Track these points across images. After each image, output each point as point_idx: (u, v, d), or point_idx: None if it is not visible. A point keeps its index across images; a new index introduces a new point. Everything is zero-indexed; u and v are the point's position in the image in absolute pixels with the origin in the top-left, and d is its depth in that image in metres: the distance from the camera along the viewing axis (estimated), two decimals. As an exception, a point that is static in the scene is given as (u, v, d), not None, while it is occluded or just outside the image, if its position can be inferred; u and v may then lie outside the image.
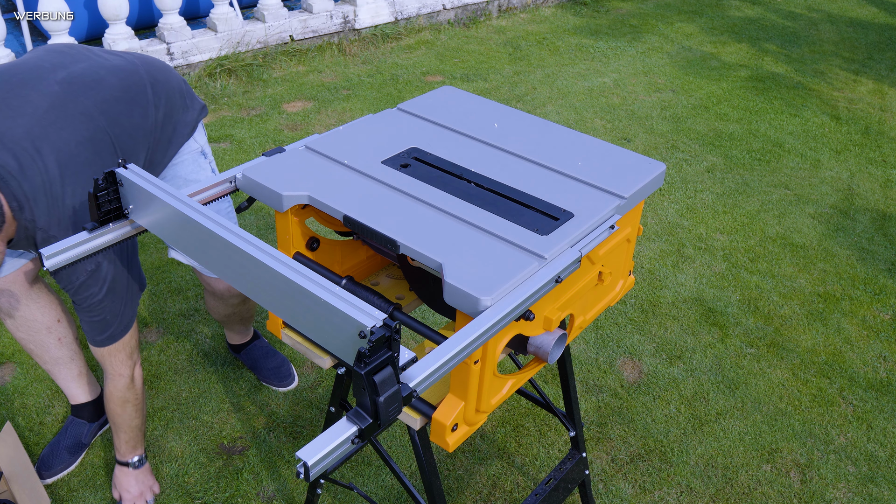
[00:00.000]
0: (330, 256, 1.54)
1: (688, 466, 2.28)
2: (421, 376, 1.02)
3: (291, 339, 1.48)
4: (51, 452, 2.18)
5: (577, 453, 1.83)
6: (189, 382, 2.50)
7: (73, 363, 2.17)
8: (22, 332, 2.05)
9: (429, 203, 1.33)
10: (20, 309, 2.01)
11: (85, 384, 2.23)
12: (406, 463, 2.26)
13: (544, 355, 1.29)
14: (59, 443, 2.20)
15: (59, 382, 2.20)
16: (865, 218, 3.61)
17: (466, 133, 1.58)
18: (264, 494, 2.15)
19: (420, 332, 1.29)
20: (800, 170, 4.03)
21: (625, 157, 1.51)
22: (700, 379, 2.60)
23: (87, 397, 2.24)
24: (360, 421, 0.98)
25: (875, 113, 4.78)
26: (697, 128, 4.44)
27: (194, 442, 2.30)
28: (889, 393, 2.59)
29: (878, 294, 3.08)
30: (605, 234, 1.32)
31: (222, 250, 1.22)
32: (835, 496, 2.22)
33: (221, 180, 1.46)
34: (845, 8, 6.99)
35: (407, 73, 4.98)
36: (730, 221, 3.53)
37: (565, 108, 4.59)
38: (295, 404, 2.44)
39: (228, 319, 2.40)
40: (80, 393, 2.23)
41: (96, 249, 1.39)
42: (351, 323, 1.03)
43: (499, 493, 2.18)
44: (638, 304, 2.95)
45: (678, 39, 5.92)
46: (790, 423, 2.45)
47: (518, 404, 2.46)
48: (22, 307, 2.01)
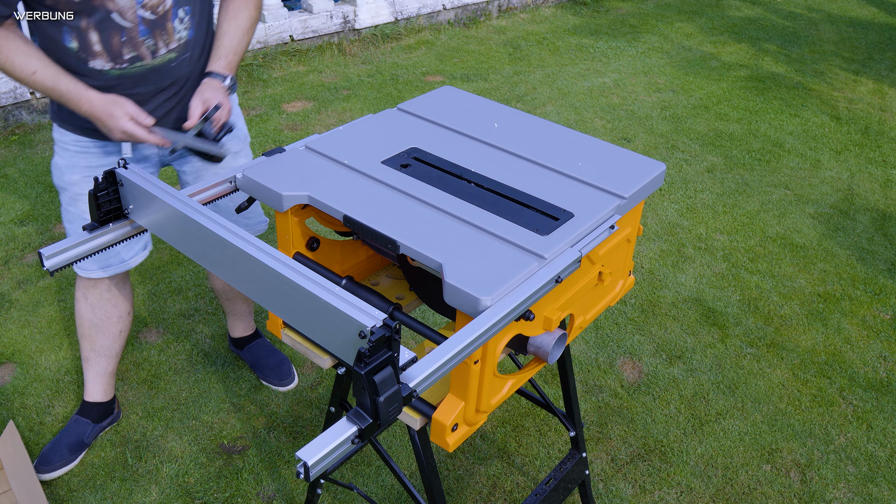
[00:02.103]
0: (330, 256, 1.54)
1: (688, 466, 2.28)
2: (421, 376, 1.02)
3: (291, 339, 1.48)
4: (51, 449, 2.19)
5: (577, 453, 1.83)
6: (189, 382, 2.50)
7: (112, 360, 2.24)
8: (93, 314, 2.12)
9: (429, 203, 1.33)
10: (104, 291, 2.09)
11: (108, 384, 2.27)
12: (406, 463, 2.26)
13: (544, 355, 1.29)
14: (61, 440, 2.21)
15: (87, 373, 2.24)
16: (865, 218, 3.61)
17: (466, 133, 1.58)
18: (264, 494, 2.15)
19: (420, 332, 1.29)
20: (800, 170, 4.03)
21: (625, 157, 1.51)
22: (700, 379, 2.60)
23: (102, 397, 2.27)
24: (360, 421, 0.98)
25: (875, 113, 4.78)
26: (697, 128, 4.44)
27: (194, 442, 2.30)
28: (889, 393, 2.59)
29: (878, 294, 3.08)
30: (605, 234, 1.32)
31: (222, 250, 1.23)
32: (835, 496, 2.22)
33: (221, 180, 1.46)
34: (845, 8, 6.99)
35: (407, 73, 4.98)
36: (730, 221, 3.53)
37: (565, 108, 4.59)
38: (295, 404, 2.44)
39: (231, 292, 2.40)
40: (98, 391, 2.26)
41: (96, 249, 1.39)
42: (351, 323, 1.03)
43: (499, 493, 2.18)
44: (638, 304, 2.95)
45: (678, 39, 5.92)
46: (790, 423, 2.45)
47: (518, 404, 2.46)
48: (106, 290, 2.09)
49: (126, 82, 1.77)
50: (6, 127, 3.98)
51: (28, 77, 1.66)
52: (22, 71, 1.66)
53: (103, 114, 1.67)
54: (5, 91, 3.90)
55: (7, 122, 3.98)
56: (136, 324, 2.73)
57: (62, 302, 2.81)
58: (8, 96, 3.92)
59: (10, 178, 3.56)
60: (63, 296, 2.85)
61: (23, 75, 1.66)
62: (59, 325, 2.71)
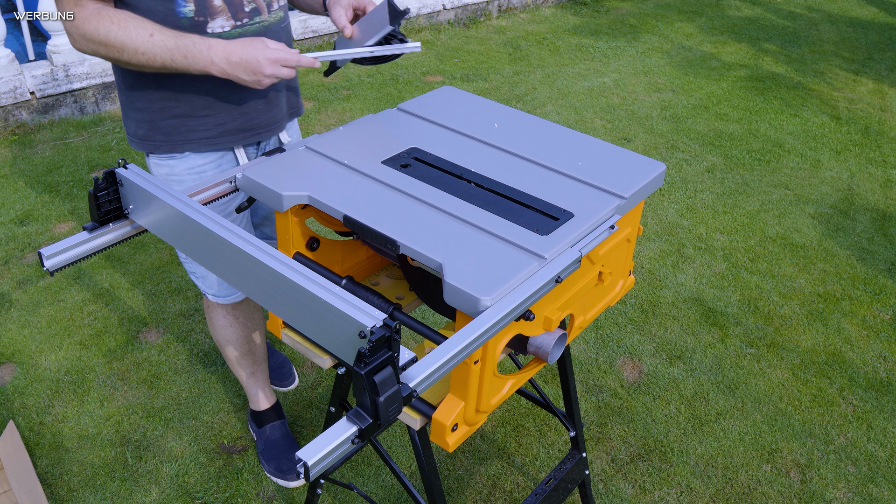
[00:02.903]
0: (330, 256, 1.54)
1: (688, 466, 2.28)
2: (421, 376, 1.02)
3: (291, 339, 1.48)
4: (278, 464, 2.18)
5: (577, 453, 1.83)
6: (189, 382, 2.50)
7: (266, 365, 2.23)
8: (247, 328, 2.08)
9: (429, 203, 1.33)
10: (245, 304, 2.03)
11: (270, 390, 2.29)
12: (406, 463, 2.26)
13: (544, 355, 1.29)
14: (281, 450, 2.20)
15: (257, 386, 2.21)
16: (865, 218, 3.61)
17: (466, 133, 1.58)
18: (264, 494, 2.15)
19: (420, 332, 1.29)
20: (800, 170, 4.03)
21: (625, 157, 1.51)
22: (700, 379, 2.60)
23: (268, 403, 2.27)
24: (360, 421, 0.98)
25: (875, 113, 4.78)
26: (697, 128, 4.44)
27: (194, 442, 2.30)
28: (889, 393, 2.59)
29: (878, 294, 3.08)
30: (605, 234, 1.32)
31: (222, 250, 1.23)
32: (835, 496, 2.22)
33: (221, 180, 1.46)
34: (845, 8, 6.99)
35: (407, 73, 4.98)
36: (730, 221, 3.53)
37: (565, 108, 4.59)
38: (295, 404, 2.44)
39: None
40: (269, 395, 2.26)
41: (96, 249, 1.39)
42: (351, 323, 1.03)
43: (499, 493, 2.18)
44: (638, 304, 2.95)
45: (678, 39, 5.92)
46: (790, 423, 2.45)
47: (518, 404, 2.46)
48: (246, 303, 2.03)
49: None
50: (6, 127, 3.98)
51: (144, 42, 1.46)
52: (138, 35, 1.47)
53: (243, 55, 1.47)
54: (5, 91, 3.90)
55: (7, 122, 3.98)
56: (136, 324, 2.73)
57: (62, 302, 2.81)
58: (8, 96, 3.92)
59: (10, 178, 3.56)
60: (63, 296, 2.85)
61: (138, 41, 1.47)
62: (59, 325, 2.71)
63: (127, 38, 1.47)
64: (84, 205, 3.35)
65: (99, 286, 2.90)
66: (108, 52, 1.50)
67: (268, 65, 1.48)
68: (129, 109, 1.71)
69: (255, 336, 2.12)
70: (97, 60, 4.14)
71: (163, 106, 1.66)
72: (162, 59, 1.49)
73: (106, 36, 1.48)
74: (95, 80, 4.17)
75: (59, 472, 2.19)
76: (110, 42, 1.48)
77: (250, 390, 2.21)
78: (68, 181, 3.54)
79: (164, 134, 1.69)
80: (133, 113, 1.70)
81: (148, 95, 1.65)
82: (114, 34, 1.47)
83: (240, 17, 1.60)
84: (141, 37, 1.47)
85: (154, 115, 1.67)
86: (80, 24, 1.48)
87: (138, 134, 1.71)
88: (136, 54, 1.48)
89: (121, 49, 1.48)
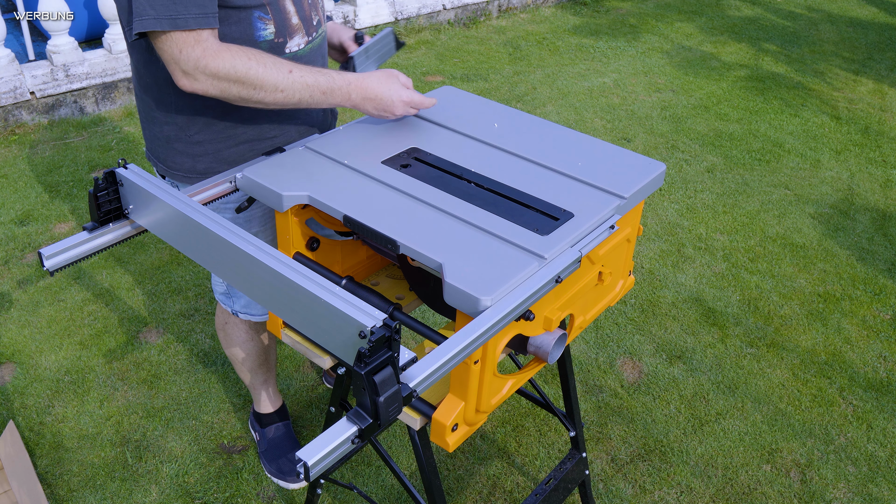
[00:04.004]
0: (330, 256, 1.54)
1: (688, 466, 2.28)
2: (421, 376, 1.02)
3: (291, 339, 1.48)
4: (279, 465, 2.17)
5: (577, 453, 1.83)
6: (189, 382, 2.50)
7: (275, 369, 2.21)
8: (268, 340, 2.06)
9: (429, 203, 1.33)
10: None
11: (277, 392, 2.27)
12: (406, 463, 2.26)
13: (544, 355, 1.29)
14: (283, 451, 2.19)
15: (266, 391, 2.20)
16: (865, 218, 3.61)
17: (466, 133, 1.58)
18: (264, 494, 2.15)
19: (420, 332, 1.29)
20: (800, 170, 4.03)
21: (625, 157, 1.51)
22: (700, 379, 2.60)
23: (275, 406, 2.26)
24: (360, 421, 0.98)
25: (875, 113, 4.78)
26: (697, 128, 4.44)
27: (194, 442, 2.30)
28: (889, 393, 2.59)
29: (878, 294, 3.08)
30: (605, 234, 1.32)
31: (222, 250, 1.23)
32: (835, 496, 2.22)
33: (221, 180, 1.46)
34: (845, 8, 6.99)
35: (407, 73, 4.98)
36: (730, 221, 3.53)
37: (565, 108, 4.59)
38: (295, 404, 2.44)
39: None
40: (276, 397, 2.25)
41: (96, 249, 1.39)
42: (351, 323, 1.03)
43: (499, 493, 2.18)
44: (638, 304, 2.95)
45: (678, 39, 5.92)
46: (790, 423, 2.45)
47: (518, 404, 2.46)
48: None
49: (308, 61, 1.57)
50: (6, 127, 3.98)
51: (284, 79, 1.38)
52: (278, 72, 1.38)
53: (379, 92, 1.45)
54: (5, 91, 3.90)
55: (7, 122, 3.98)
56: (136, 324, 2.73)
57: (62, 302, 2.81)
58: (8, 96, 3.92)
59: (10, 178, 3.56)
60: (63, 296, 2.85)
61: (278, 78, 1.38)
62: (59, 325, 2.71)
63: (266, 75, 1.37)
64: (84, 205, 3.35)
65: (99, 286, 2.90)
66: (239, 91, 1.38)
67: (400, 106, 1.50)
68: (181, 144, 1.59)
69: (271, 347, 2.11)
70: (97, 60, 4.14)
71: (229, 134, 1.58)
72: (300, 96, 1.42)
73: (245, 73, 1.36)
74: (95, 80, 4.17)
75: (59, 472, 2.19)
76: (249, 79, 1.36)
77: (259, 394, 2.21)
78: (68, 181, 3.54)
79: (229, 164, 1.60)
80: (188, 148, 1.59)
81: (211, 126, 1.57)
82: (254, 71, 1.36)
83: (310, 32, 1.56)
84: (281, 73, 1.38)
85: (219, 146, 1.59)
86: (208, 61, 1.34)
87: (197, 169, 1.61)
88: (275, 92, 1.39)
89: (258, 86, 1.38)
